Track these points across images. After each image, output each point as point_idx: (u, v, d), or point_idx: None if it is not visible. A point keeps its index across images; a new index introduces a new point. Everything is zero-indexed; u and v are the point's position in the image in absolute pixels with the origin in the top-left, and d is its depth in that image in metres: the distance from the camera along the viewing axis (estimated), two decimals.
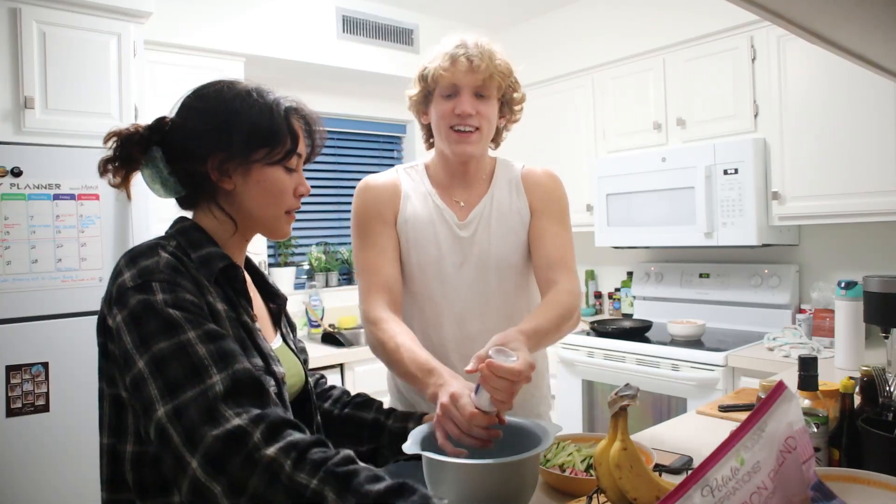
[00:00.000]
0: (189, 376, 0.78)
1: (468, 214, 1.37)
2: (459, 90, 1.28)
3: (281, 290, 1.14)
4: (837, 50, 1.31)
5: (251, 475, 0.73)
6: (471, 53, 1.26)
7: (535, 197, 1.39)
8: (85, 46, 2.34)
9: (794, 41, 2.45)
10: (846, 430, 1.13)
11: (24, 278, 2.16)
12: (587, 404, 2.96)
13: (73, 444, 2.18)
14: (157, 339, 0.80)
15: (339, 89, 3.61)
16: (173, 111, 0.98)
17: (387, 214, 1.35)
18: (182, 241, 0.94)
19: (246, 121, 0.94)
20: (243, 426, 0.75)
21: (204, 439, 0.74)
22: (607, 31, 3.25)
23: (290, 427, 0.78)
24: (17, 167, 2.15)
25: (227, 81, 0.99)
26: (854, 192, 2.43)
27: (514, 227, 1.37)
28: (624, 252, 3.55)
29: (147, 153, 0.96)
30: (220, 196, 0.97)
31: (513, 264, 1.36)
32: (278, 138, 0.96)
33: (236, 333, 0.91)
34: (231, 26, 2.92)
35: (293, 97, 1.01)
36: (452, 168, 1.38)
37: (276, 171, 0.97)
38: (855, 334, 2.09)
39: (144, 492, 0.86)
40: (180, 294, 0.84)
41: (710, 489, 0.67)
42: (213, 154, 0.94)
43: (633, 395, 0.93)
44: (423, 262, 1.34)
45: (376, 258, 1.32)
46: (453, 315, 1.34)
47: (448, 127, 1.30)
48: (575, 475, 1.13)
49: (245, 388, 0.80)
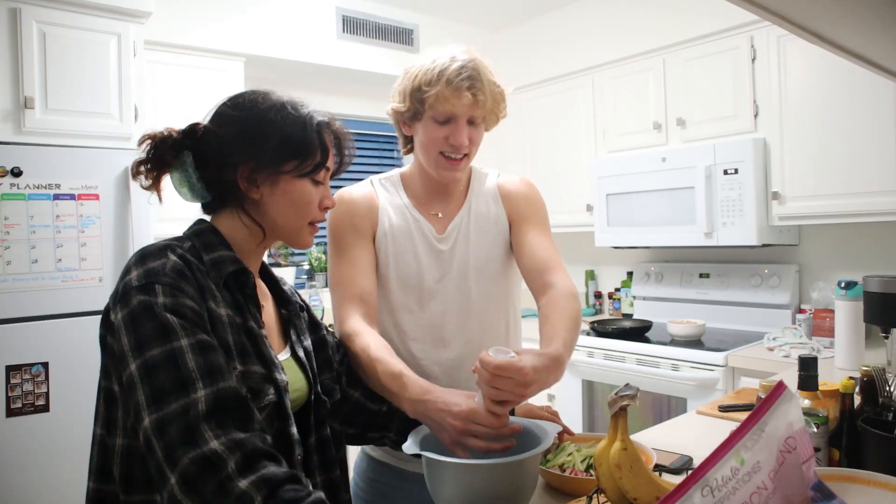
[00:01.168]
0: (175, 387, 0.80)
1: (446, 227, 1.34)
2: (456, 118, 1.24)
3: (295, 300, 1.13)
4: (837, 50, 1.31)
5: (223, 503, 0.75)
6: (474, 86, 1.21)
7: (514, 205, 1.37)
8: (85, 46, 2.34)
9: (794, 41, 2.46)
10: (846, 430, 1.13)
11: (24, 278, 2.16)
12: (587, 404, 2.96)
13: (73, 444, 2.18)
14: (150, 343, 0.82)
15: (339, 89, 3.61)
16: (207, 118, 1.00)
17: (362, 227, 1.31)
18: (197, 242, 0.95)
19: (279, 132, 0.96)
20: (219, 452, 0.76)
21: (181, 460, 0.76)
22: (607, 31, 3.25)
23: (266, 458, 0.78)
24: (17, 167, 2.15)
25: (262, 92, 1.01)
26: (854, 192, 2.43)
27: (492, 236, 1.35)
28: (624, 252, 3.55)
29: (178, 157, 0.97)
30: (246, 204, 0.99)
31: (492, 275, 1.34)
32: (309, 151, 0.98)
33: (238, 340, 0.91)
34: (231, 26, 2.92)
35: (326, 112, 1.03)
36: (432, 184, 1.35)
37: (303, 183, 0.99)
38: (855, 334, 2.09)
39: (129, 486, 0.87)
40: (181, 299, 0.85)
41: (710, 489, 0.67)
42: (244, 163, 0.96)
43: (633, 395, 0.93)
44: (402, 276, 1.31)
45: (350, 270, 1.28)
46: (433, 327, 1.31)
47: (438, 152, 1.27)
48: (575, 475, 1.13)
49: (228, 407, 0.81)
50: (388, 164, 3.90)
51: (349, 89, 3.64)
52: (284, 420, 0.95)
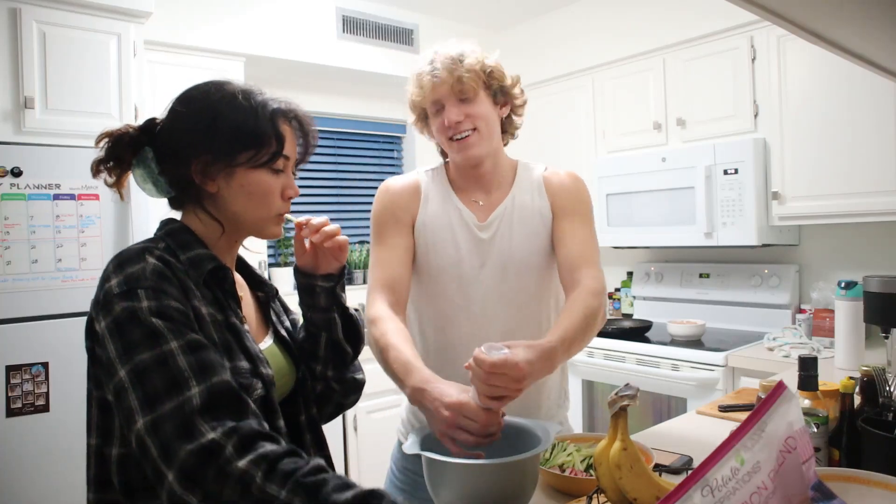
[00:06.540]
0: (168, 388, 0.79)
1: (488, 216, 1.35)
2: (442, 103, 1.29)
3: (269, 281, 1.14)
4: (837, 50, 1.31)
5: (224, 487, 0.74)
6: (434, 68, 1.27)
7: (558, 198, 1.37)
8: (85, 46, 2.34)
9: (794, 41, 2.46)
10: (846, 430, 1.13)
11: (24, 278, 2.16)
12: (587, 404, 2.96)
13: (73, 444, 2.18)
14: (139, 349, 0.81)
15: (339, 89, 3.61)
16: (164, 112, 0.98)
17: (402, 217, 1.35)
18: (171, 242, 0.94)
19: (229, 123, 0.94)
20: (216, 439, 0.76)
21: (178, 454, 0.75)
22: (607, 31, 3.25)
23: (262, 439, 0.78)
24: (17, 167, 2.15)
25: (216, 83, 0.98)
26: (854, 192, 2.43)
27: (535, 228, 1.35)
28: (624, 252, 3.55)
29: (138, 154, 0.96)
30: (204, 198, 0.97)
31: (534, 266, 1.35)
32: (263, 141, 0.95)
33: (222, 337, 0.91)
34: (231, 26, 2.92)
35: (284, 99, 1.00)
36: (466, 173, 1.38)
37: (260, 174, 0.96)
38: (855, 334, 2.09)
39: (132, 493, 0.86)
40: (165, 301, 0.84)
41: (710, 489, 0.67)
42: (197, 157, 0.94)
43: (633, 395, 0.93)
44: (441, 265, 1.33)
45: (385, 256, 1.32)
46: (472, 317, 1.32)
47: (447, 139, 1.31)
48: (575, 475, 1.13)
49: (222, 400, 0.80)
50: (388, 164, 3.90)
51: (349, 89, 3.64)
52: (272, 414, 0.96)
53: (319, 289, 1.09)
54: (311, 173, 3.56)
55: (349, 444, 2.94)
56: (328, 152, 3.64)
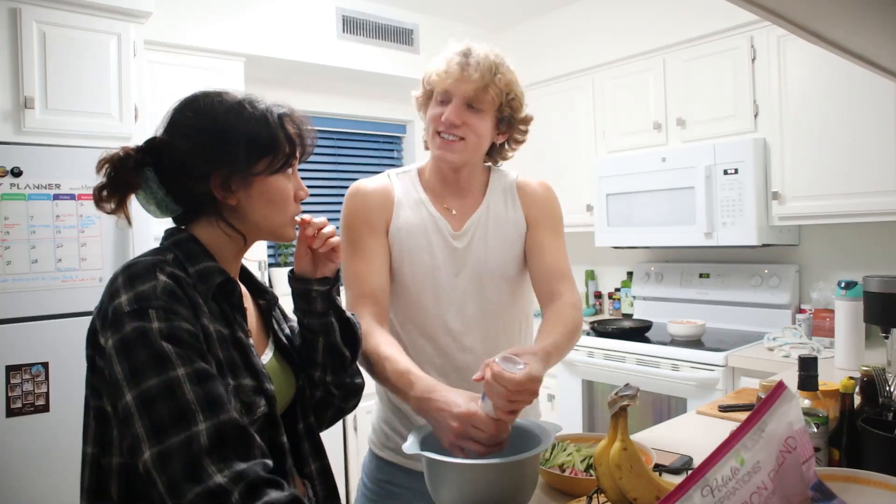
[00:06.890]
0: (175, 420, 0.78)
1: (463, 224, 1.34)
2: (451, 97, 1.26)
3: (270, 289, 1.13)
4: (837, 50, 1.31)
5: None
6: (468, 62, 1.23)
7: (530, 208, 1.37)
8: (85, 46, 2.34)
9: (794, 41, 2.45)
10: (846, 430, 1.13)
11: (24, 278, 2.16)
12: (587, 404, 2.96)
13: (72, 444, 2.17)
14: (146, 374, 0.80)
15: (339, 89, 3.61)
16: (160, 129, 0.96)
17: (376, 222, 1.31)
18: (179, 253, 0.93)
19: (244, 134, 0.93)
20: (223, 485, 0.76)
21: (186, 495, 0.75)
22: (607, 31, 3.25)
23: (269, 486, 0.78)
24: (17, 167, 2.15)
25: (215, 93, 0.97)
26: (854, 192, 2.43)
27: (509, 236, 1.35)
28: (624, 252, 3.55)
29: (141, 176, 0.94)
30: (224, 211, 0.96)
31: (508, 274, 1.34)
32: (278, 146, 0.96)
33: (228, 355, 0.90)
34: (231, 26, 2.92)
35: (282, 102, 1.01)
36: (445, 174, 1.35)
37: (277, 179, 0.97)
38: (855, 334, 2.09)
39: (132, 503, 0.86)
40: (176, 322, 0.83)
41: (710, 489, 0.67)
42: (215, 172, 0.93)
43: (633, 395, 0.93)
44: (416, 272, 1.31)
45: (363, 267, 1.28)
46: (447, 325, 1.31)
47: (434, 131, 1.29)
48: (575, 475, 1.13)
49: (230, 439, 0.80)
50: (387, 165, 3.90)
51: (349, 89, 3.64)
52: (275, 429, 0.96)
53: (315, 293, 1.08)
54: (312, 173, 3.55)
55: (349, 445, 2.94)
56: (328, 152, 3.64)
